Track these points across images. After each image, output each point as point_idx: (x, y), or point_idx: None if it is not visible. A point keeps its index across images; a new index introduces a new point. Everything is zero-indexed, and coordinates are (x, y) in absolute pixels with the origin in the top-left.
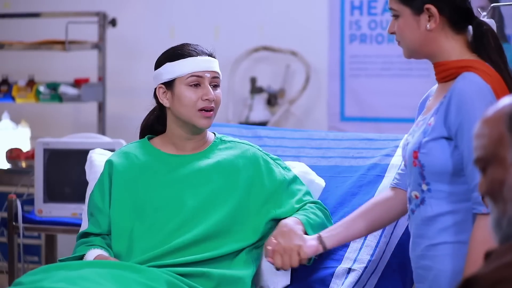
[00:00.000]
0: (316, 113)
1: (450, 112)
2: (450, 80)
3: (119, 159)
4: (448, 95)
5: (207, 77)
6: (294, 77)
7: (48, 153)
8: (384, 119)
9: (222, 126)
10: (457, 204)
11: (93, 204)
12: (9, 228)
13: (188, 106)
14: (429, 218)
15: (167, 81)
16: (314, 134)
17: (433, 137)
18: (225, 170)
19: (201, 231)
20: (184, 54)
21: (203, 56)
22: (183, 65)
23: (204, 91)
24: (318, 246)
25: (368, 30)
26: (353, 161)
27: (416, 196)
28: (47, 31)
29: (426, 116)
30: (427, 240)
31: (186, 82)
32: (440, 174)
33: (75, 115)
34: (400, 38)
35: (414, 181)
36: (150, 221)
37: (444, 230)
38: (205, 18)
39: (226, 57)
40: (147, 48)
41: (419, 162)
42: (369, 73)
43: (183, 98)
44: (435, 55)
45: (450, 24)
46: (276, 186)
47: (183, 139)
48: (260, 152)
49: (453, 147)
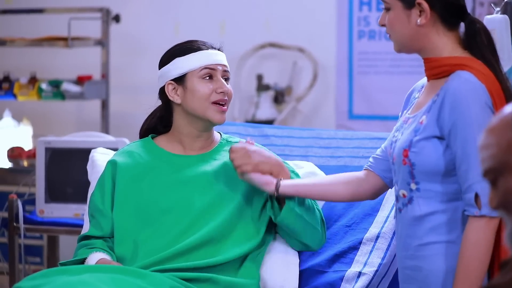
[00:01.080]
0: (323, 111)
1: (443, 111)
2: (442, 77)
3: (122, 159)
4: (441, 94)
5: (219, 70)
6: (301, 74)
7: (49, 152)
8: (393, 117)
9: (228, 124)
10: (446, 203)
11: (93, 206)
12: (9, 229)
13: (201, 99)
14: (418, 218)
15: (177, 76)
16: (323, 133)
17: (425, 136)
18: (231, 171)
19: (206, 233)
20: (194, 48)
21: (213, 50)
22: (195, 59)
23: (218, 84)
24: (271, 180)
25: (377, 26)
26: (362, 161)
27: (403, 195)
28: (49, 27)
29: (417, 113)
30: (416, 240)
31: (199, 75)
32: (431, 174)
33: (78, 113)
34: (390, 31)
35: (403, 179)
36: (156, 224)
37: (433, 230)
38: (210, 14)
39: (232, 54)
40: (151, 44)
41: (409, 161)
42: (378, 70)
43: (196, 91)
44: (426, 50)
45: (441, 20)
46: None
47: (192, 137)
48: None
49: (445, 146)
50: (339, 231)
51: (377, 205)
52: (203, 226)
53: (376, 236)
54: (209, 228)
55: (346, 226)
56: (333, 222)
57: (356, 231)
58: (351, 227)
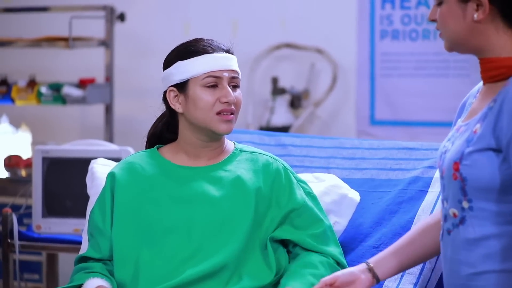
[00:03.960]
0: (343, 116)
1: (501, 120)
2: (499, 80)
3: (122, 171)
4: (499, 99)
5: (225, 77)
6: (319, 77)
7: (47, 162)
8: (418, 123)
9: (241, 132)
10: (504, 226)
11: (93, 224)
12: (3, 246)
13: (204, 110)
14: (471, 241)
15: (178, 82)
16: (346, 142)
17: (479, 147)
18: (243, 186)
19: (218, 261)
20: (199, 51)
21: (220, 53)
22: (198, 64)
23: (223, 93)
24: (372, 280)
25: (401, 25)
26: (391, 173)
27: (454, 215)
28: (49, 27)
29: (470, 121)
30: (469, 268)
31: (202, 83)
32: (485, 191)
33: (80, 119)
34: (442, 27)
35: (453, 196)
36: (159, 245)
37: (489, 257)
38: (222, 12)
39: (245, 55)
40: (159, 45)
41: (460, 175)
42: (402, 73)
43: (198, 101)
44: (482, 50)
45: (501, 16)
46: (293, 208)
47: (198, 147)
48: (284, 168)
49: (501, 160)
50: (365, 252)
51: (408, 224)
52: (213, 252)
53: None
54: (221, 255)
55: (373, 247)
56: (359, 243)
57: None
58: (379, 248)
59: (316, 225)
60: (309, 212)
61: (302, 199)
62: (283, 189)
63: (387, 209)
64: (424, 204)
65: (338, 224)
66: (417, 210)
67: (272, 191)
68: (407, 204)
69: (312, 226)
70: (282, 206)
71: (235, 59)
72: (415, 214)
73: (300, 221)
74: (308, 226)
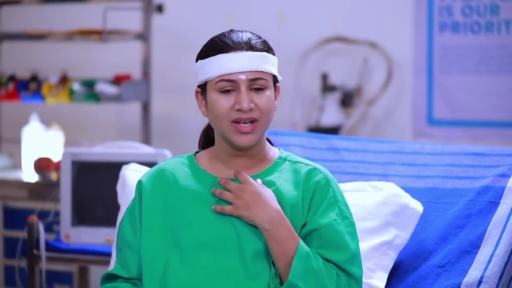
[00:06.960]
0: (398, 115)
1: None
2: None
3: (150, 179)
4: None
5: (241, 80)
6: (372, 73)
7: (77, 167)
8: (479, 123)
9: (289, 135)
10: None
11: (122, 237)
12: (29, 257)
13: (219, 118)
14: None
15: (199, 84)
16: (406, 146)
17: None
18: (280, 201)
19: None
20: (215, 49)
21: (237, 52)
22: (212, 66)
23: (237, 98)
24: None
25: (462, 17)
26: (457, 182)
27: None
28: (82, 19)
29: None
30: None
31: (216, 88)
32: None
33: (115, 118)
34: None
35: None
36: (190, 264)
37: None
38: (268, 3)
39: (292, 49)
40: (199, 38)
41: None
42: (463, 68)
43: (213, 107)
44: None
45: None
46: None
47: (232, 155)
48: (326, 184)
49: None
50: (429, 272)
51: (478, 240)
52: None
53: (478, 282)
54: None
55: (439, 267)
56: (422, 261)
57: (451, 274)
58: (445, 267)
59: (339, 253)
60: (334, 235)
61: (329, 221)
62: (316, 205)
63: (453, 223)
64: (495, 217)
65: (399, 237)
66: (487, 225)
67: (309, 205)
68: (476, 217)
69: (335, 253)
70: (308, 222)
71: (263, 56)
72: (486, 229)
73: (320, 244)
74: (328, 250)
